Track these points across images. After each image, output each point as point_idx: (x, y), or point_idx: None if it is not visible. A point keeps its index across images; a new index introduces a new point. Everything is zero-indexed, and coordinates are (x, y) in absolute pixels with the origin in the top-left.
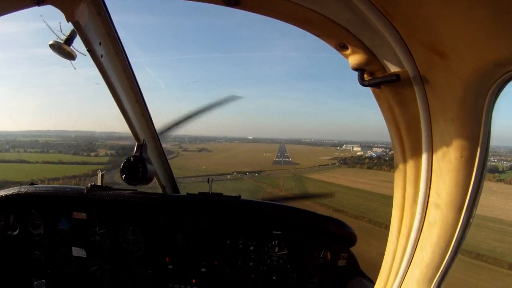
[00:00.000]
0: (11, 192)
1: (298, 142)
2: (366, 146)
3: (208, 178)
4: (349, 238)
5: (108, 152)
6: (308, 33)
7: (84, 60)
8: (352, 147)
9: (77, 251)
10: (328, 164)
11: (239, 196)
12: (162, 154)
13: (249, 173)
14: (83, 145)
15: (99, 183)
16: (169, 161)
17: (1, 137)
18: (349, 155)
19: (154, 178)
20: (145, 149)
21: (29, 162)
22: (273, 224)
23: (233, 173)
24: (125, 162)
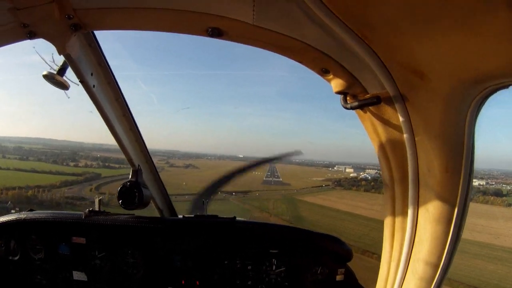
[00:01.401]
0: (12, 218)
1: (289, 161)
2: (358, 167)
3: (203, 201)
4: (345, 254)
5: (88, 163)
6: None
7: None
8: (345, 168)
9: (77, 275)
10: (322, 186)
11: (234, 218)
12: (157, 178)
13: (235, 193)
14: (65, 155)
15: (96, 208)
16: None
17: None
18: (343, 176)
19: (151, 201)
20: (140, 174)
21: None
22: (269, 243)
23: (218, 192)
24: (121, 187)
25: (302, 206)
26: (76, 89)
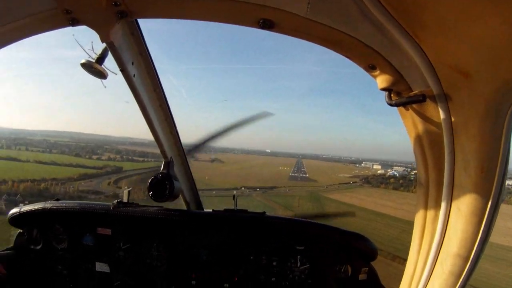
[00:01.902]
0: (37, 207)
1: (316, 157)
2: (386, 164)
3: (234, 195)
4: (371, 253)
5: (112, 156)
6: (330, 51)
7: (110, 64)
8: (372, 164)
9: (100, 266)
10: (349, 183)
11: (264, 213)
12: (188, 172)
13: (259, 189)
14: (90, 148)
15: (125, 199)
16: None
17: (13, 134)
18: (370, 173)
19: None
20: (172, 166)
21: (19, 161)
22: (296, 239)
23: (241, 188)
24: (152, 179)
25: (328, 204)
26: (108, 80)
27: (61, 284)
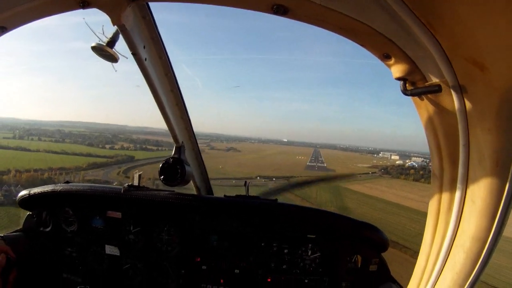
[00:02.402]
0: (46, 189)
1: (333, 147)
2: (403, 155)
3: (245, 181)
4: (382, 243)
5: (125, 145)
6: (345, 39)
7: (122, 56)
8: (390, 155)
9: (110, 249)
10: (368, 173)
11: (276, 200)
12: (199, 156)
13: (275, 178)
14: (104, 137)
15: (136, 183)
16: None
17: (28, 125)
18: (389, 163)
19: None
20: (183, 151)
21: (28, 150)
22: (308, 227)
23: (256, 177)
24: (163, 163)
25: (348, 196)
26: (121, 71)
27: (70, 267)
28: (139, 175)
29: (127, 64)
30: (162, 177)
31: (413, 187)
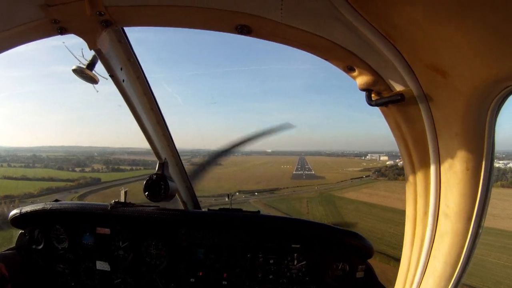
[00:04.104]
0: (37, 208)
1: (318, 153)
2: (392, 155)
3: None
4: (366, 250)
5: (98, 167)
6: None
7: (102, 77)
8: (379, 156)
9: (101, 265)
10: (362, 177)
11: (259, 211)
12: (183, 172)
13: (258, 192)
14: (77, 160)
15: (122, 199)
16: None
17: (4, 151)
18: (379, 165)
19: (176, 195)
20: (167, 167)
21: None
22: (292, 237)
23: (235, 193)
24: (147, 179)
25: (345, 206)
26: (102, 93)
27: (63, 284)
28: (125, 192)
29: (109, 86)
30: (146, 193)
31: None
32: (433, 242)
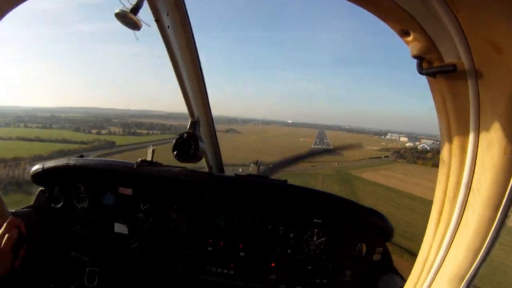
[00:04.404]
0: (60, 163)
1: (338, 128)
2: (412, 137)
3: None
4: (387, 231)
5: (114, 130)
6: (353, 17)
7: (128, 37)
8: (399, 136)
9: (119, 227)
10: (381, 157)
11: (286, 181)
12: (213, 134)
13: (272, 165)
14: (95, 122)
15: (149, 158)
16: None
17: (24, 112)
18: (398, 145)
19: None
20: (198, 127)
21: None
22: (315, 211)
23: (249, 164)
24: (177, 138)
25: (362, 187)
26: (126, 53)
27: (79, 245)
28: (153, 150)
29: (135, 45)
30: (175, 152)
31: (435, 176)
32: (457, 228)
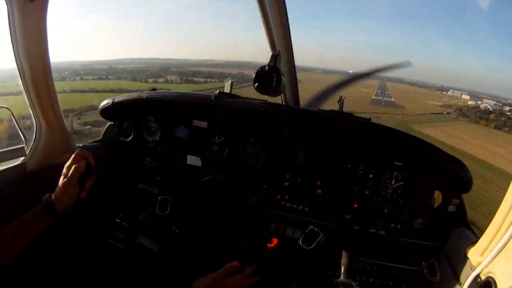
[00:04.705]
0: (131, 97)
1: (399, 80)
2: (473, 95)
3: (340, 96)
4: (467, 181)
5: (172, 78)
6: None
7: None
8: (461, 94)
9: (192, 160)
10: (443, 113)
11: (370, 119)
12: (292, 69)
13: None
14: (154, 72)
15: (227, 90)
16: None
17: (82, 66)
18: (460, 103)
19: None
20: (279, 60)
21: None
22: (396, 153)
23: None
24: (258, 70)
25: None
26: (183, 4)
27: (147, 178)
28: (231, 83)
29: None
30: (256, 84)
31: (498, 138)
32: None
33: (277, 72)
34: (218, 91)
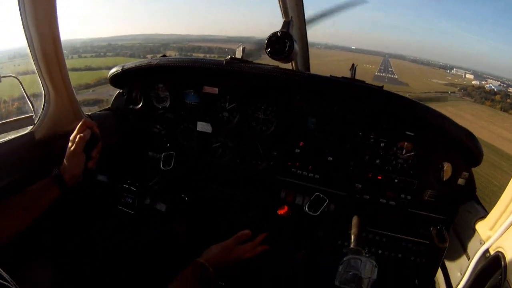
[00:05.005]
0: (141, 64)
1: (401, 57)
2: (478, 75)
3: (353, 64)
4: (477, 154)
5: (168, 54)
6: None
7: None
8: (465, 73)
9: (202, 126)
10: (447, 92)
11: (382, 86)
12: (304, 36)
13: None
14: (153, 48)
15: (239, 55)
16: None
17: (80, 43)
18: (464, 82)
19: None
20: (291, 27)
21: None
22: (409, 123)
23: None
24: (271, 36)
25: None
26: None
27: (157, 145)
28: (243, 48)
29: None
30: (268, 49)
31: (504, 121)
32: None
33: (290, 38)
34: (229, 56)
